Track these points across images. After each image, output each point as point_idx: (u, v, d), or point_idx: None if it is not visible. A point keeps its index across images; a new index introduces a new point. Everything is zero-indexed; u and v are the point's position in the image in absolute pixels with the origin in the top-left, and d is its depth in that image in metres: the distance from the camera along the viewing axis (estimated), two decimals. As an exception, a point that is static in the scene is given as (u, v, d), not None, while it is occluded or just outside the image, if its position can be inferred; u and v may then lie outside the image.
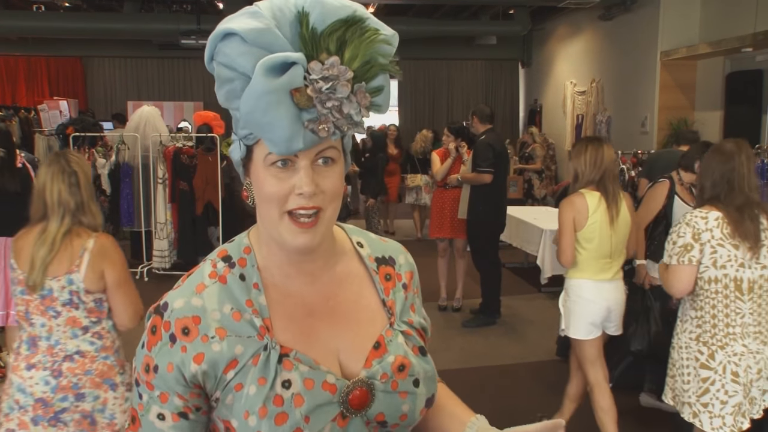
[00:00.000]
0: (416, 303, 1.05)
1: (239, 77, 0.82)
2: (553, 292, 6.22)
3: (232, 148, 0.93)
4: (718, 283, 2.37)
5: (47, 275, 2.18)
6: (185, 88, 13.50)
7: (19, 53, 12.69)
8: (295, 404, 0.87)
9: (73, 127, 7.09)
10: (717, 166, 2.44)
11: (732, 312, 2.36)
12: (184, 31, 9.64)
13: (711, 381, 2.37)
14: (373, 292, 1.00)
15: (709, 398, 2.37)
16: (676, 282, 2.42)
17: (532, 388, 3.96)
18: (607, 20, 9.33)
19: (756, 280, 2.36)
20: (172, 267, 6.72)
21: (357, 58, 0.81)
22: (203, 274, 0.93)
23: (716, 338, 2.38)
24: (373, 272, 1.01)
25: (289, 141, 0.81)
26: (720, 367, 2.36)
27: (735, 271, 2.35)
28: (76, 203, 2.28)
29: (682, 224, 2.42)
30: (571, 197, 3.05)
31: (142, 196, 7.00)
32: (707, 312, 2.40)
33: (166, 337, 0.89)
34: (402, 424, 0.95)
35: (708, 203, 2.43)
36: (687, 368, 2.44)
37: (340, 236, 1.01)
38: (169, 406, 0.89)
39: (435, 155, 5.77)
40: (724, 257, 2.35)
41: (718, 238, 2.35)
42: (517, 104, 14.05)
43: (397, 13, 11.53)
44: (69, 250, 2.22)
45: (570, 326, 3.07)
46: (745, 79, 7.22)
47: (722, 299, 2.37)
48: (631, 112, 8.77)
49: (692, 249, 2.37)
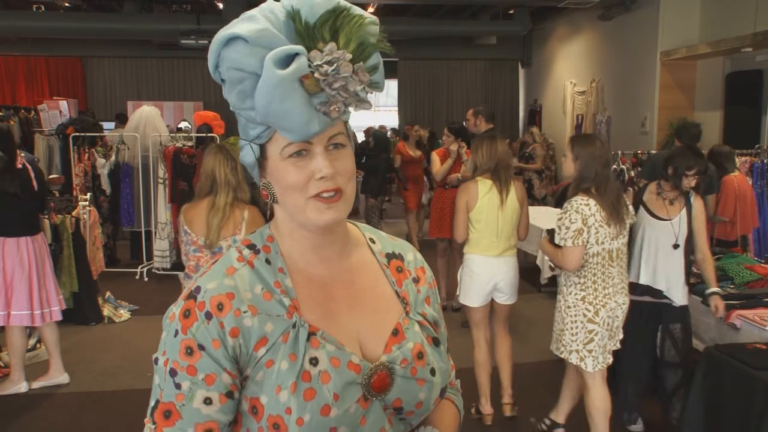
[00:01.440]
0: (432, 297, 1.09)
1: (249, 77, 0.87)
2: (553, 292, 6.21)
3: (243, 154, 0.97)
4: (598, 256, 2.95)
5: (219, 237, 2.94)
6: (185, 88, 13.50)
7: (19, 53, 12.69)
8: (322, 381, 0.90)
9: (73, 127, 7.08)
10: (594, 161, 2.95)
11: (607, 276, 2.98)
12: (184, 31, 9.64)
13: (595, 332, 2.97)
14: (386, 283, 1.04)
15: (593, 345, 2.97)
16: (572, 260, 2.94)
17: (532, 388, 3.95)
18: (607, 20, 9.33)
19: (619, 248, 3.00)
20: (172, 267, 6.71)
21: (351, 41, 0.88)
22: (231, 258, 0.97)
23: (598, 299, 2.96)
24: (384, 266, 1.06)
25: (306, 126, 0.87)
26: (602, 321, 2.96)
27: (608, 245, 2.96)
28: (236, 182, 3.03)
29: (571, 211, 2.95)
30: (467, 183, 3.57)
31: (142, 196, 7.00)
32: (589, 279, 2.97)
33: (202, 316, 0.90)
34: (417, 411, 0.98)
35: (584, 192, 2.97)
36: (575, 324, 3.00)
37: (353, 231, 1.07)
38: (217, 386, 0.89)
39: (435, 155, 5.77)
40: (602, 235, 2.93)
41: (599, 221, 2.92)
42: (517, 104, 14.05)
43: (397, 13, 11.54)
44: (233, 217, 2.99)
45: (462, 294, 3.59)
46: (745, 79, 7.22)
47: (600, 267, 2.97)
48: (631, 112, 8.76)
49: (583, 233, 2.92)
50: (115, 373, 4.33)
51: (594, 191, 2.95)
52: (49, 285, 3.95)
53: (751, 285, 3.75)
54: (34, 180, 3.83)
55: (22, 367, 3.98)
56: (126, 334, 5.12)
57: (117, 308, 5.55)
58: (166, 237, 6.69)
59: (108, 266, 6.38)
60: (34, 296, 3.85)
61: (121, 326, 5.31)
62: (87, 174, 6.92)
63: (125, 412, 3.71)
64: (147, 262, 6.89)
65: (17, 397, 3.92)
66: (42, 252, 3.92)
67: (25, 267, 3.80)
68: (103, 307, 5.45)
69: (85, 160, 6.93)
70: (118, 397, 3.94)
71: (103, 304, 5.49)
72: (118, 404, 3.82)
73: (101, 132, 7.48)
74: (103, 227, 6.55)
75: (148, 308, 5.62)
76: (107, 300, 5.61)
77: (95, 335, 5.09)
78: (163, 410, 0.90)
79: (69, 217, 5.09)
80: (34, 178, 3.83)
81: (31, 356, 4.45)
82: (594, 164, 2.94)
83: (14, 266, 3.78)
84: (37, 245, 3.88)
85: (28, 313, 3.83)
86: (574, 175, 3.03)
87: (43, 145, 7.44)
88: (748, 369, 2.87)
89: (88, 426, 3.64)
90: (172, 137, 6.92)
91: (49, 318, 3.94)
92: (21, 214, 3.81)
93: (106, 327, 5.28)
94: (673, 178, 3.20)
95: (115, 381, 4.21)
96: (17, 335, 3.89)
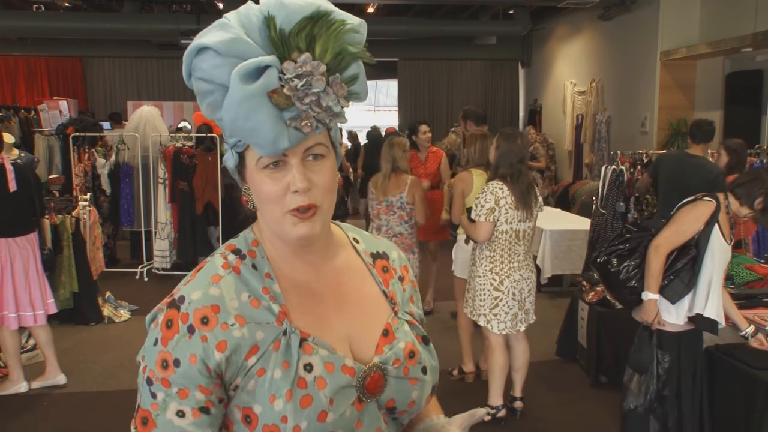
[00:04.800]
0: (415, 296, 1.10)
1: (218, 89, 0.85)
2: (553, 292, 6.22)
3: (225, 157, 0.96)
4: (506, 234, 3.42)
5: (388, 195, 4.39)
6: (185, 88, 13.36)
7: (19, 53, 12.67)
8: (318, 387, 0.89)
9: (73, 127, 7.08)
10: (509, 152, 3.40)
11: (513, 253, 3.45)
12: (184, 31, 9.63)
13: (500, 299, 3.45)
14: (373, 283, 1.04)
15: (498, 310, 3.46)
16: (482, 233, 3.41)
17: (532, 388, 3.95)
18: (607, 20, 9.32)
19: (526, 230, 3.47)
20: (172, 267, 6.71)
21: (328, 51, 0.84)
22: (216, 265, 0.95)
23: (504, 270, 3.44)
24: (370, 266, 1.05)
25: (275, 142, 0.83)
26: (506, 290, 3.44)
27: (516, 226, 3.42)
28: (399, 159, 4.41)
29: (487, 192, 3.39)
30: (462, 174, 4.15)
31: (142, 196, 7.00)
32: (498, 253, 3.45)
33: (184, 329, 0.88)
34: (409, 410, 0.98)
35: (500, 178, 3.41)
36: (483, 290, 3.47)
37: (337, 231, 1.06)
38: (189, 401, 0.87)
39: None
40: (511, 216, 3.39)
41: (509, 204, 3.37)
42: (516, 104, 14.04)
43: (397, 13, 11.53)
44: (398, 182, 4.39)
45: (458, 268, 4.23)
46: (745, 79, 7.21)
47: (508, 244, 3.44)
48: (631, 112, 8.76)
49: (495, 211, 3.37)
50: (115, 373, 4.33)
51: (509, 179, 3.40)
52: (34, 287, 3.88)
53: (751, 285, 3.75)
54: (11, 181, 3.72)
55: (20, 367, 3.98)
56: (126, 334, 5.12)
57: (117, 308, 5.55)
58: (166, 237, 6.69)
59: (108, 266, 6.38)
60: (20, 298, 3.81)
61: (121, 326, 5.31)
62: (87, 174, 6.92)
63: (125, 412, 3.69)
64: (147, 262, 6.89)
65: (17, 397, 3.92)
66: (27, 254, 3.85)
67: (7, 268, 3.75)
68: (103, 307, 5.45)
69: (85, 160, 6.93)
70: (118, 397, 3.94)
71: (103, 304, 5.49)
72: (118, 404, 3.82)
73: (101, 132, 7.48)
74: (103, 227, 6.55)
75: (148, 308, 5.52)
76: (107, 300, 5.61)
77: (95, 335, 5.09)
78: (141, 416, 0.91)
79: (69, 217, 5.09)
80: (13, 179, 3.73)
81: (30, 356, 4.45)
82: (510, 157, 3.40)
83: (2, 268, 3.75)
84: (22, 246, 3.81)
85: (15, 315, 3.80)
86: (493, 163, 3.49)
87: (43, 145, 7.44)
88: (748, 369, 2.87)
89: (88, 426, 3.64)
90: (172, 137, 6.92)
91: (33, 321, 3.89)
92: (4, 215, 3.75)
93: (106, 327, 5.28)
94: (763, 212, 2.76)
95: (115, 381, 4.21)
96: (8, 336, 3.87)
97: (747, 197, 2.75)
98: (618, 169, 5.60)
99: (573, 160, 10.78)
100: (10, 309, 3.80)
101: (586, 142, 10.24)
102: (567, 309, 4.64)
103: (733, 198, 2.78)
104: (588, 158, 9.68)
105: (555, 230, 5.92)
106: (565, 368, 4.46)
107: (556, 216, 6.74)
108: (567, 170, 11.05)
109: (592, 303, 4.22)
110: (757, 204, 2.74)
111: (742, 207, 2.77)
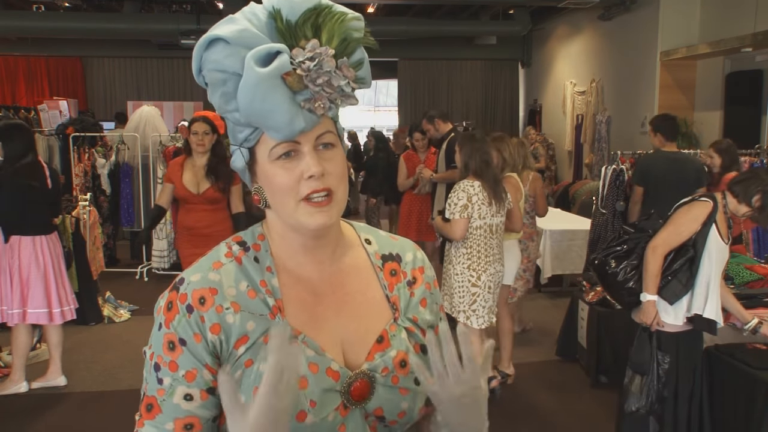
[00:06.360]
0: (430, 299, 1.05)
1: (231, 77, 0.86)
2: (553, 292, 6.22)
3: (233, 159, 0.96)
4: (480, 229, 3.55)
5: None
6: (185, 88, 13.48)
7: (19, 53, 12.68)
8: (299, 386, 0.88)
9: (73, 127, 7.08)
10: (476, 151, 3.57)
11: (488, 247, 3.59)
12: (184, 31, 9.64)
13: (478, 295, 3.56)
14: (377, 287, 1.01)
15: (477, 306, 3.56)
16: (458, 230, 3.50)
17: (532, 388, 3.96)
18: (607, 20, 9.33)
19: (498, 224, 3.63)
20: (171, 267, 6.71)
21: (334, 37, 0.86)
22: (219, 253, 0.96)
23: (481, 266, 3.56)
24: (378, 269, 1.02)
25: (291, 123, 0.85)
26: (483, 285, 3.56)
27: (490, 220, 3.55)
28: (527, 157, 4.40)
29: (459, 191, 3.52)
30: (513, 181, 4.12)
31: (142, 196, 7.00)
32: (474, 249, 3.56)
33: (183, 309, 0.89)
34: (400, 421, 0.96)
35: (472, 175, 3.56)
36: (462, 287, 3.57)
37: (348, 231, 1.04)
38: (197, 383, 0.88)
39: (402, 160, 5.80)
40: (484, 212, 3.53)
41: (482, 200, 3.51)
42: (516, 104, 14.05)
43: (397, 13, 11.53)
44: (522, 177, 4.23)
45: None
46: (744, 79, 7.22)
47: (483, 240, 3.57)
48: (631, 112, 8.76)
49: (468, 208, 3.50)
50: (115, 373, 4.33)
51: (479, 176, 3.57)
52: (66, 283, 4.00)
53: (751, 285, 3.75)
54: (48, 179, 3.87)
55: (24, 367, 3.99)
56: (126, 334, 5.12)
57: (117, 308, 5.55)
58: (164, 237, 6.68)
59: (108, 266, 6.38)
60: (52, 294, 3.88)
61: (121, 326, 5.31)
62: (87, 174, 6.93)
63: (125, 412, 3.69)
64: (147, 262, 6.89)
65: (17, 397, 3.92)
66: (57, 251, 3.96)
67: (41, 265, 3.84)
68: (103, 307, 5.45)
69: (85, 160, 6.93)
70: (118, 397, 3.94)
71: (103, 304, 5.49)
72: (118, 404, 3.82)
73: (101, 132, 7.48)
74: (103, 227, 6.55)
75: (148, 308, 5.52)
76: (107, 300, 5.61)
77: (95, 335, 5.09)
78: (146, 403, 0.91)
79: (69, 217, 5.09)
80: (49, 176, 3.88)
81: (32, 356, 4.44)
82: (474, 155, 3.58)
83: (30, 264, 3.81)
84: (52, 244, 3.92)
85: (46, 311, 3.86)
86: (461, 164, 3.65)
87: (43, 145, 7.43)
88: (748, 369, 2.87)
89: (88, 426, 3.64)
90: (172, 137, 6.92)
91: (69, 315, 3.99)
92: (36, 213, 3.85)
93: (106, 327, 5.28)
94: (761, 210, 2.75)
95: (115, 381, 4.21)
96: (25, 334, 3.90)
97: (745, 195, 2.74)
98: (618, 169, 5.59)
99: (573, 160, 10.79)
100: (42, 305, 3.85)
101: (586, 142, 10.24)
102: (567, 309, 4.64)
103: (731, 196, 2.77)
104: (588, 158, 9.69)
105: (555, 230, 5.92)
106: (565, 368, 4.46)
107: (556, 216, 6.73)
108: (567, 170, 11.06)
109: (592, 303, 4.22)
110: (755, 201, 2.73)
111: (740, 205, 2.76)
